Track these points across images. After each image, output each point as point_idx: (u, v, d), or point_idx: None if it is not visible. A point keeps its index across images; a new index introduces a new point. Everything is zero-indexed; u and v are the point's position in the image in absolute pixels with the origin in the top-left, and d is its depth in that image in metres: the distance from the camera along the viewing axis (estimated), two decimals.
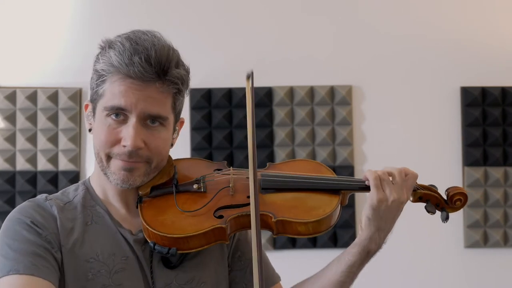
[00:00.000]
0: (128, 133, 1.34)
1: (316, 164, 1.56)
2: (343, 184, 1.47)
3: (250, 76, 1.35)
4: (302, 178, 1.47)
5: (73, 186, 1.47)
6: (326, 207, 1.41)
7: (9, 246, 1.30)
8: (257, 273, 1.16)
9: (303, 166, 1.54)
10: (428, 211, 1.51)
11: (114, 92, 1.34)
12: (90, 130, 1.43)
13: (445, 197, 1.51)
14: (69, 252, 1.33)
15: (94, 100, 1.40)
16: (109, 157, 1.37)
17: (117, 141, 1.36)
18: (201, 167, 1.51)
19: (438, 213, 1.52)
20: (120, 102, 1.33)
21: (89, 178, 1.48)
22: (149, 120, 1.36)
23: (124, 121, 1.35)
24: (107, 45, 1.36)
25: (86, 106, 1.45)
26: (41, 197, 1.41)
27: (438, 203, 1.51)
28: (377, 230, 1.43)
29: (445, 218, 1.50)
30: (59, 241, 1.33)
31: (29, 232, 1.32)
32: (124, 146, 1.34)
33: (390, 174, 1.46)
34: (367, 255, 1.45)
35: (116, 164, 1.37)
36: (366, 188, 1.46)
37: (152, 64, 1.32)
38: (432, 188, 1.52)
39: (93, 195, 1.44)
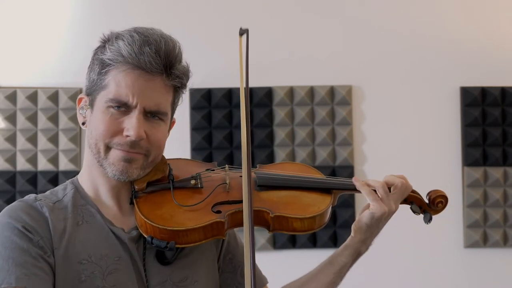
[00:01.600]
0: (131, 123, 1.34)
1: (305, 166, 1.61)
2: (335, 184, 1.52)
3: (244, 33, 1.37)
4: (296, 176, 1.52)
5: (61, 186, 1.45)
6: (321, 204, 1.46)
7: (1, 255, 1.28)
8: (249, 269, 1.17)
9: (293, 168, 1.58)
10: (414, 211, 1.57)
11: (120, 83, 1.33)
12: (83, 123, 1.42)
13: (427, 201, 1.56)
14: (61, 255, 1.32)
15: (93, 92, 1.38)
16: (108, 148, 1.36)
17: (118, 132, 1.35)
18: (193, 166, 1.53)
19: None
20: (126, 97, 1.34)
21: (77, 177, 1.46)
22: (150, 114, 1.37)
23: (127, 112, 1.35)
24: (114, 37, 1.36)
25: (80, 99, 1.43)
26: (30, 197, 1.39)
27: (421, 205, 1.56)
28: (370, 235, 1.50)
29: (428, 220, 1.56)
30: (52, 244, 1.32)
31: (20, 238, 1.29)
32: (127, 136, 1.34)
33: (390, 184, 1.49)
34: (357, 256, 1.52)
35: (115, 155, 1.36)
36: (357, 190, 1.51)
37: (161, 56, 1.34)
38: (415, 191, 1.57)
39: (83, 194, 1.42)
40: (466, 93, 3.25)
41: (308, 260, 3.09)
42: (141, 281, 1.36)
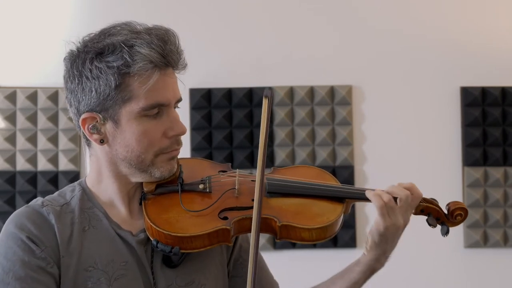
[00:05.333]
0: (174, 121, 1.35)
1: (321, 171, 1.56)
2: (348, 193, 1.47)
3: (267, 96, 1.35)
4: (308, 184, 1.47)
5: (69, 187, 1.44)
6: (330, 214, 1.42)
7: (2, 267, 1.28)
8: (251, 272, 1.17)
9: (308, 173, 1.54)
10: (430, 224, 1.52)
11: (150, 88, 1.30)
12: (102, 141, 1.35)
13: (445, 212, 1.51)
14: (68, 263, 1.31)
15: (109, 107, 1.31)
16: (156, 155, 1.35)
17: (160, 138, 1.34)
18: (206, 167, 1.50)
19: (438, 228, 1.53)
20: (164, 98, 1.32)
21: (85, 179, 1.45)
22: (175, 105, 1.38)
23: (159, 114, 1.34)
24: (125, 46, 1.29)
25: (84, 120, 1.34)
26: (36, 202, 1.37)
27: (439, 217, 1.51)
28: (383, 252, 1.45)
29: (446, 232, 1.51)
30: (58, 253, 1.31)
31: (23, 250, 1.29)
32: (171, 137, 1.35)
33: (395, 195, 1.43)
34: (371, 273, 1.48)
35: (163, 158, 1.36)
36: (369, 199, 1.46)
37: (177, 49, 1.34)
38: (434, 202, 1.52)
39: (90, 196, 1.41)
40: (466, 93, 3.25)
41: (308, 260, 3.11)
42: (148, 284, 1.36)
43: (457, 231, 3.22)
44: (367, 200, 1.46)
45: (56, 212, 1.35)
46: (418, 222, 1.86)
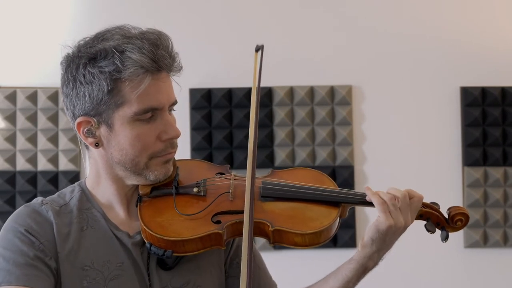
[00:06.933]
0: (168, 125, 1.35)
1: (319, 174, 1.54)
2: (344, 197, 1.45)
3: (259, 49, 1.35)
4: (303, 188, 1.45)
5: (69, 188, 1.45)
6: (325, 219, 1.40)
7: (3, 256, 1.30)
8: (245, 278, 1.17)
9: (306, 176, 1.52)
10: (428, 230, 1.49)
11: (142, 93, 1.30)
12: (97, 144, 1.36)
13: (446, 216, 1.49)
14: (65, 259, 1.33)
15: (103, 112, 1.32)
16: (150, 158, 1.35)
17: (153, 141, 1.34)
18: (203, 169, 1.50)
19: (437, 232, 1.50)
20: (157, 102, 1.32)
21: (84, 180, 1.46)
22: (169, 108, 1.38)
23: (152, 117, 1.34)
24: (115, 51, 1.29)
25: (80, 124, 1.35)
26: (37, 201, 1.39)
27: (439, 222, 1.49)
28: (378, 250, 1.44)
29: (445, 238, 1.48)
30: (55, 248, 1.33)
31: (22, 241, 1.31)
32: (165, 140, 1.35)
33: (395, 197, 1.41)
34: (364, 271, 1.46)
35: (158, 161, 1.36)
36: (367, 203, 1.45)
37: (172, 53, 1.34)
38: (433, 207, 1.50)
39: (89, 197, 1.42)
40: (466, 93, 3.25)
41: (308, 260, 3.10)
42: (144, 285, 1.36)
43: (457, 231, 3.22)
44: (363, 204, 1.45)
45: (55, 210, 1.37)
46: (417, 221, 1.87)
